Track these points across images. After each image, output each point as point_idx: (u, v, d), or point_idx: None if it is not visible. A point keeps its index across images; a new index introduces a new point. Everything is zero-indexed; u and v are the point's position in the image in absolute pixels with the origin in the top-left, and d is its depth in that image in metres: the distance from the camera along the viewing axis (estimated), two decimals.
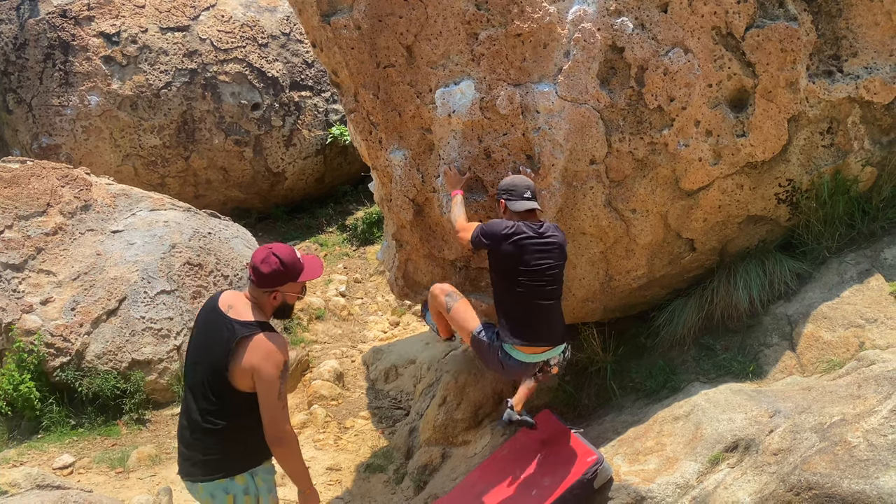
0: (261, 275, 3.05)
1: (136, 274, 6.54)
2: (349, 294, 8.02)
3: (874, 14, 4.16)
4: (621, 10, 3.96)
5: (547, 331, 3.81)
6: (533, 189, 3.85)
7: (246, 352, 2.95)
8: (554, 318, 3.85)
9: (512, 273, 3.73)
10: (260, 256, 3.06)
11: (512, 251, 3.68)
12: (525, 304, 3.75)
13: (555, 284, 3.80)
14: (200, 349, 3.12)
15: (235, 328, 2.99)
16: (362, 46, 4.15)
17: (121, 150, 8.75)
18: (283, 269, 3.05)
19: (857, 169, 4.36)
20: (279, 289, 3.09)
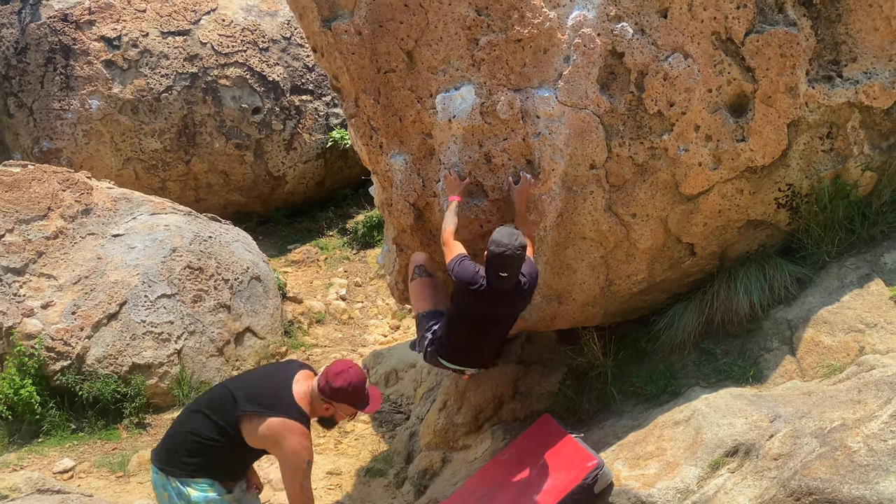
0: (330, 386, 3.26)
1: (136, 278, 6.54)
2: (349, 298, 8.02)
3: (873, 19, 4.17)
4: (621, 16, 3.97)
5: (470, 356, 4.17)
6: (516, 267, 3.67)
7: (278, 429, 3.16)
8: (481, 350, 4.19)
9: (461, 307, 3.96)
10: (339, 368, 3.29)
11: (468, 298, 3.86)
12: (460, 333, 4.03)
13: (498, 327, 4.08)
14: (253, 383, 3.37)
15: (288, 403, 3.22)
16: (363, 52, 4.16)
17: (122, 154, 8.75)
18: (351, 392, 3.27)
19: (857, 173, 4.37)
20: (335, 404, 3.31)
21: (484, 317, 3.94)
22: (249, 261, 7.33)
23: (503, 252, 3.60)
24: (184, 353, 6.44)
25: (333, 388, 3.25)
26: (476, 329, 4.00)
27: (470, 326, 3.99)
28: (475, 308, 3.90)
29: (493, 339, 4.18)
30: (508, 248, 3.60)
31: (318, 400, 3.31)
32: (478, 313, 3.92)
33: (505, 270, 3.65)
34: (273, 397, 3.23)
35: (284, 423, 3.16)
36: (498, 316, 3.98)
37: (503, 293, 3.79)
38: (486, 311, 3.91)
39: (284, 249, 9.19)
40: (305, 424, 3.23)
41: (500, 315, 3.99)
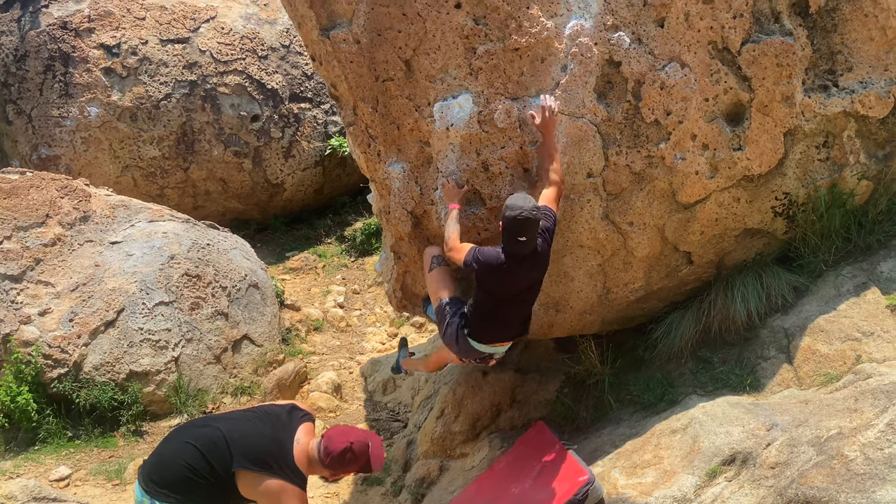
0: (330, 461, 3.23)
1: (134, 285, 6.54)
2: (347, 305, 8.02)
3: (869, 29, 4.20)
4: (618, 25, 3.99)
5: (502, 330, 4.05)
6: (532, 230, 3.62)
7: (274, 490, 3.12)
8: (512, 323, 4.04)
9: (487, 291, 3.90)
10: (339, 448, 3.21)
11: (490, 279, 3.83)
12: (491, 312, 3.95)
13: (524, 302, 3.98)
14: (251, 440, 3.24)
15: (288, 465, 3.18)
16: (361, 60, 4.17)
17: (120, 161, 8.77)
18: (352, 465, 3.26)
19: (853, 182, 4.39)
20: (340, 474, 3.35)
21: (513, 289, 3.87)
22: (247, 268, 7.33)
23: (518, 215, 3.55)
24: (181, 361, 6.43)
25: (339, 466, 3.25)
26: (507, 302, 3.90)
27: (501, 302, 3.89)
28: (505, 285, 3.84)
29: (525, 306, 4.03)
30: (524, 210, 3.55)
31: (317, 464, 3.28)
32: (507, 289, 3.85)
33: (523, 234, 3.59)
34: (272, 458, 3.17)
35: (283, 487, 3.13)
36: (526, 283, 3.88)
37: (524, 259, 3.73)
38: (514, 284, 3.84)
39: (282, 257, 9.19)
40: (303, 487, 3.21)
41: (528, 282, 3.88)
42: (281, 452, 3.19)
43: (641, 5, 3.98)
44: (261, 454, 3.17)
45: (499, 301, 3.90)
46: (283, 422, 3.33)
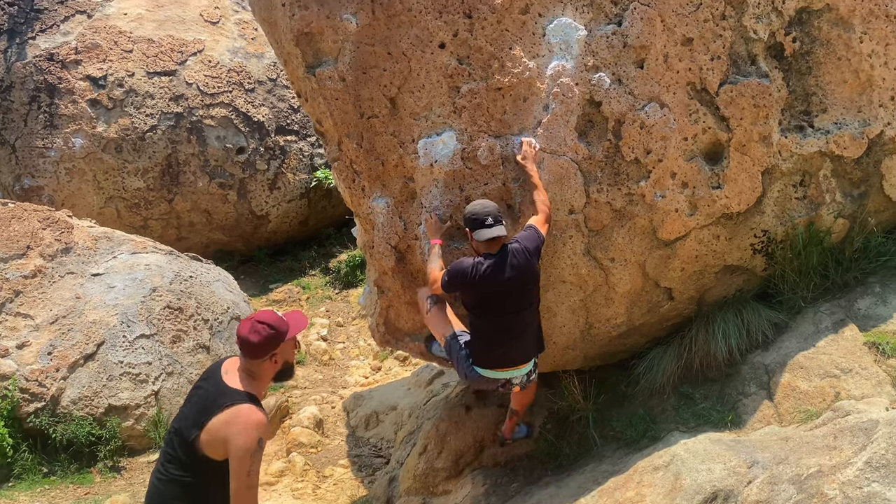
0: (253, 345, 3.06)
1: (115, 318, 6.48)
2: (331, 338, 7.98)
3: (842, 72, 4.31)
4: (599, 66, 4.07)
5: (508, 355, 4.00)
6: (495, 213, 3.82)
7: (225, 420, 2.94)
8: (517, 342, 4.00)
9: (477, 307, 3.95)
10: (246, 329, 3.08)
11: (477, 290, 3.86)
12: (489, 332, 3.94)
13: (519, 315, 3.93)
14: (191, 403, 3.13)
15: (225, 392, 3.01)
16: (346, 97, 4.22)
17: (104, 192, 8.74)
18: (273, 331, 3.08)
19: (830, 221, 4.46)
20: (276, 351, 3.13)
21: (500, 297, 3.85)
22: (230, 301, 7.29)
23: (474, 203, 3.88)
24: (161, 395, 6.36)
25: (258, 343, 3.05)
26: (503, 321, 3.89)
27: (496, 322, 3.88)
28: (481, 302, 3.89)
29: (523, 322, 3.96)
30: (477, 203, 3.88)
31: (259, 367, 3.10)
32: (493, 298, 3.85)
33: (488, 217, 3.77)
34: (209, 407, 2.99)
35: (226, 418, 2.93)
36: (513, 290, 3.86)
37: (500, 275, 3.78)
38: (491, 301, 3.86)
39: (266, 289, 9.16)
40: (250, 402, 3.00)
41: (514, 288, 3.85)
42: (214, 393, 3.03)
43: (621, 47, 4.07)
44: (198, 412, 3.01)
45: (492, 317, 3.89)
46: (210, 370, 3.21)
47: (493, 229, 3.78)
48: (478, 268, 3.80)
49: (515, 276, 3.84)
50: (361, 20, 4.07)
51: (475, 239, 3.85)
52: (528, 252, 3.85)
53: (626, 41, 4.06)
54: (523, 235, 3.91)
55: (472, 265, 3.82)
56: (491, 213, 3.81)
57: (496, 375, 4.03)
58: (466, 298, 4.00)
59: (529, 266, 3.87)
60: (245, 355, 3.11)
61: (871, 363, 3.98)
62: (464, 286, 3.88)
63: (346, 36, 4.12)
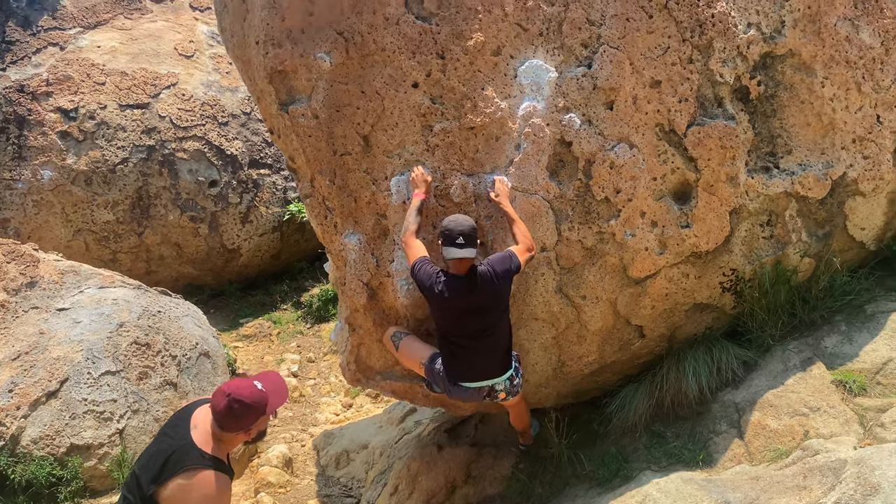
0: (227, 422, 2.95)
1: (80, 354, 6.32)
2: (301, 374, 7.87)
3: (805, 115, 4.43)
4: (569, 107, 4.13)
5: (481, 370, 3.99)
6: (469, 232, 3.78)
7: (182, 485, 2.85)
8: (487, 356, 3.97)
9: (440, 323, 3.98)
10: (221, 405, 2.94)
11: (436, 306, 3.89)
12: (452, 349, 3.95)
13: (485, 333, 3.91)
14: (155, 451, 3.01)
15: (188, 452, 2.90)
16: (319, 135, 4.23)
17: (72, 224, 8.61)
18: (248, 410, 2.96)
19: (796, 260, 4.54)
20: (251, 428, 3.02)
21: (457, 329, 3.88)
22: (199, 336, 7.17)
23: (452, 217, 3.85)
24: (126, 433, 6.19)
25: (233, 422, 2.94)
26: (458, 343, 3.90)
27: (462, 340, 3.89)
28: (443, 319, 3.91)
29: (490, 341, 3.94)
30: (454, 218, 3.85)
31: (228, 437, 3.00)
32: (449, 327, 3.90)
33: (459, 237, 3.73)
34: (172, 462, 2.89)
35: (182, 484, 2.84)
36: (465, 322, 3.86)
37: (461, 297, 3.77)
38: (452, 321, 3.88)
39: (236, 323, 9.03)
40: (214, 468, 2.91)
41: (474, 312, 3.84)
42: (179, 450, 2.92)
43: (591, 89, 4.14)
44: (160, 467, 2.90)
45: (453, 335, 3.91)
46: (180, 418, 3.09)
47: (461, 250, 3.74)
48: (437, 281, 3.79)
49: (477, 301, 3.82)
50: (335, 59, 4.10)
51: (443, 255, 3.83)
52: (495, 276, 3.81)
53: (596, 83, 4.14)
54: (495, 258, 3.89)
55: (435, 276, 3.81)
56: (463, 233, 3.76)
57: (478, 385, 4.00)
58: (430, 308, 4.00)
59: (494, 292, 3.84)
60: (217, 425, 2.98)
61: (839, 401, 4.02)
62: (421, 289, 3.89)
63: (320, 74, 4.14)
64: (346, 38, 4.08)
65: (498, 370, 4.02)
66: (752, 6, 4.31)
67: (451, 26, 4.06)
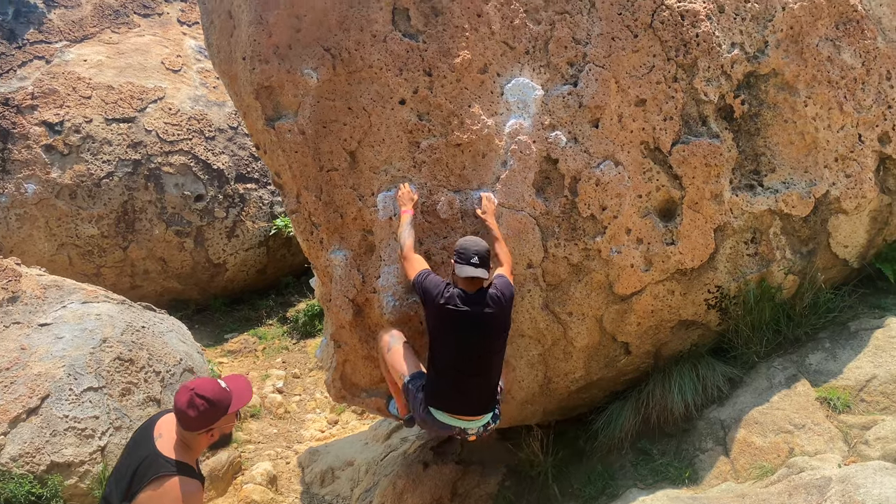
0: (189, 419, 2.91)
1: (62, 370, 6.24)
2: (287, 390, 7.81)
3: (788, 133, 4.47)
4: (555, 125, 4.16)
5: (463, 403, 3.80)
6: (483, 254, 3.73)
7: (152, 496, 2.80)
8: (474, 391, 3.81)
9: (438, 339, 3.79)
10: (184, 400, 2.91)
11: (440, 318, 3.74)
12: (447, 372, 3.76)
13: (482, 359, 3.78)
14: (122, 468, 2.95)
15: (154, 461, 2.86)
16: (306, 150, 4.22)
17: (56, 239, 8.53)
18: (211, 407, 2.92)
19: (781, 277, 4.57)
20: (213, 426, 2.97)
21: (457, 348, 3.72)
22: (183, 352, 7.10)
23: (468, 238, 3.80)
24: (108, 451, 6.09)
25: (194, 418, 2.89)
26: (454, 364, 3.73)
27: (456, 362, 3.72)
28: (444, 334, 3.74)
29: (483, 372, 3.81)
30: (470, 238, 3.81)
31: (194, 439, 2.96)
32: (449, 343, 3.73)
33: (474, 256, 3.68)
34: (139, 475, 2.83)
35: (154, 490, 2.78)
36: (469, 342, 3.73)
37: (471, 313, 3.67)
38: (456, 337, 3.72)
39: (221, 339, 8.96)
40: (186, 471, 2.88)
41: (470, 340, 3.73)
42: (144, 461, 2.87)
43: (577, 107, 4.17)
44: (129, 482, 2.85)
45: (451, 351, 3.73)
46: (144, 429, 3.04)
47: (476, 269, 3.69)
48: (447, 292, 3.72)
49: (484, 319, 3.72)
50: (322, 75, 4.11)
51: (456, 273, 3.78)
52: (503, 298, 3.76)
53: (582, 101, 4.16)
54: (501, 283, 3.82)
55: (444, 286, 3.75)
56: (479, 253, 3.73)
57: (451, 422, 3.81)
58: (427, 316, 3.86)
59: (502, 313, 3.77)
60: (181, 426, 2.95)
61: (824, 419, 4.03)
62: (426, 299, 3.76)
63: (307, 90, 4.14)
64: (334, 55, 4.09)
65: (478, 409, 3.84)
66: (736, 26, 4.37)
67: (439, 44, 4.08)
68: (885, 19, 4.71)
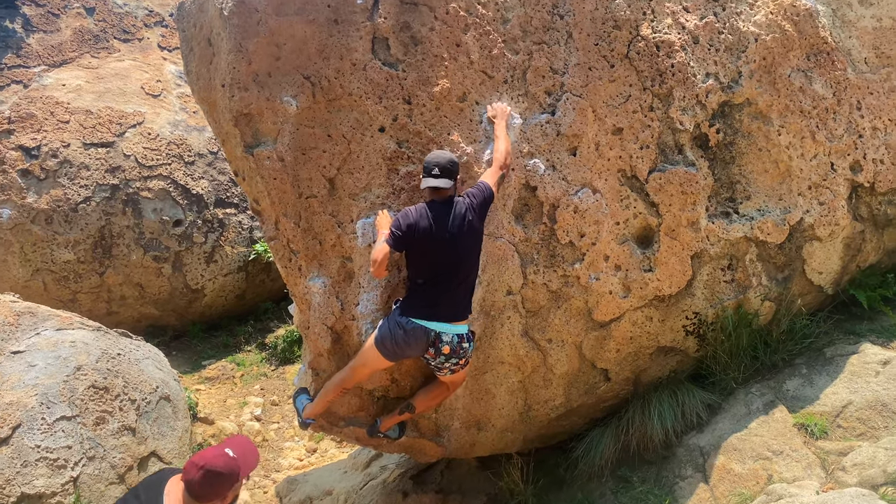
0: (204, 494, 2.93)
1: (34, 398, 6.11)
2: (265, 418, 7.70)
3: (763, 162, 4.54)
4: (534, 153, 4.19)
5: (437, 309, 3.90)
6: (445, 164, 3.82)
7: None
8: (447, 296, 3.91)
9: (414, 263, 3.94)
10: (196, 478, 2.92)
11: (415, 241, 3.84)
12: (425, 285, 3.90)
13: (453, 266, 3.88)
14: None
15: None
16: (285, 177, 4.21)
17: (31, 264, 8.40)
18: (223, 480, 2.95)
19: (757, 303, 4.61)
20: (227, 494, 3.00)
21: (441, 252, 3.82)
22: (159, 379, 6.99)
23: (431, 153, 3.90)
24: (81, 481, 5.96)
25: (210, 493, 2.91)
26: (435, 275, 3.86)
27: (430, 274, 3.87)
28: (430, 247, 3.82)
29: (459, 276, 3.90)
30: (435, 151, 3.92)
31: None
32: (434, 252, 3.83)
33: (434, 168, 3.78)
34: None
35: None
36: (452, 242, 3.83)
37: (445, 215, 3.79)
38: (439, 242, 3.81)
39: (199, 365, 8.84)
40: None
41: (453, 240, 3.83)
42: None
43: (555, 135, 4.21)
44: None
45: (430, 269, 3.86)
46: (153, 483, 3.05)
47: (437, 180, 3.79)
48: (417, 214, 3.82)
49: (455, 229, 3.82)
50: (301, 103, 4.11)
51: (421, 186, 3.88)
52: (472, 209, 3.86)
53: (560, 130, 4.21)
54: (472, 190, 3.93)
55: (413, 213, 3.84)
56: (440, 164, 3.82)
57: (427, 325, 3.86)
58: (412, 248, 3.89)
59: (469, 223, 3.85)
60: (193, 496, 2.95)
61: (801, 445, 4.05)
62: (410, 231, 3.81)
63: (286, 118, 4.14)
64: (313, 83, 4.10)
65: (452, 315, 3.92)
66: (710, 57, 4.45)
67: (418, 72, 4.11)
68: (855, 51, 4.83)
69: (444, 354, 3.92)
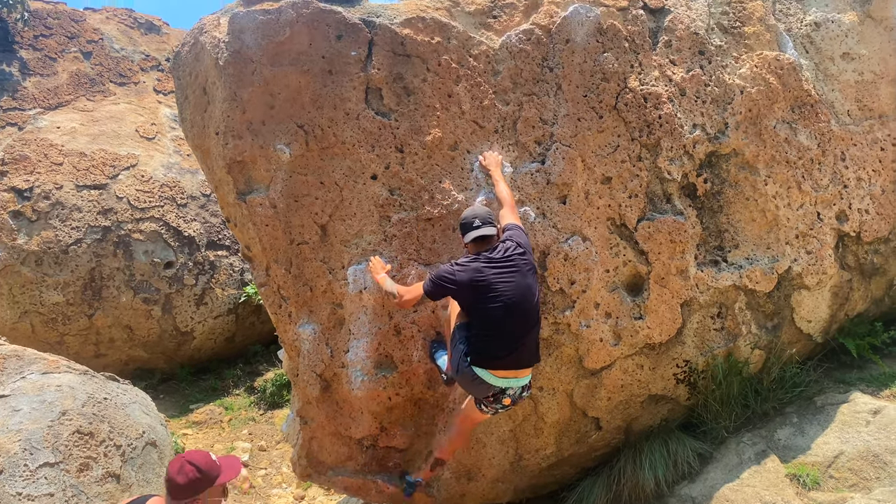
0: (178, 486, 2.99)
1: (17, 444, 6.01)
2: (252, 464, 7.58)
3: (750, 211, 4.60)
4: (524, 201, 4.23)
5: (509, 358, 3.63)
6: (484, 216, 3.73)
7: None
8: (521, 343, 3.64)
9: (479, 309, 3.63)
10: (175, 467, 3.03)
11: (474, 290, 3.60)
12: (491, 333, 3.60)
13: (522, 308, 3.62)
14: None
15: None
16: (277, 224, 4.23)
17: (19, 306, 8.34)
18: (200, 475, 3.01)
19: (747, 351, 4.62)
20: (199, 497, 3.04)
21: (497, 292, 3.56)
22: (146, 424, 6.89)
23: (465, 210, 3.83)
24: None
25: (183, 485, 2.97)
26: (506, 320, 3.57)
27: (499, 321, 3.56)
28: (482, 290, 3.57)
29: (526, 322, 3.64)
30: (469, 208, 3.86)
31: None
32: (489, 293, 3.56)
33: (475, 220, 3.69)
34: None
35: None
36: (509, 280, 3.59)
37: (503, 263, 3.60)
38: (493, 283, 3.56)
39: (186, 409, 8.72)
40: None
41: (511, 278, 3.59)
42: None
43: (545, 183, 4.26)
44: None
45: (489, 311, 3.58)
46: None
47: (483, 228, 3.68)
48: (466, 267, 3.61)
49: (513, 267, 3.63)
50: (295, 150, 4.16)
51: (465, 242, 3.75)
52: (520, 245, 3.71)
53: (550, 178, 4.26)
54: (513, 234, 3.77)
55: (456, 265, 3.65)
56: (478, 216, 3.73)
57: (494, 381, 3.61)
58: (458, 299, 3.72)
59: (525, 256, 3.69)
60: (169, 495, 3.02)
61: (794, 496, 4.01)
62: (448, 286, 3.63)
63: (279, 165, 4.18)
64: (307, 131, 4.15)
65: (525, 361, 3.67)
66: (697, 108, 4.54)
67: (410, 122, 4.17)
68: (838, 104, 4.94)
69: (502, 404, 3.75)
